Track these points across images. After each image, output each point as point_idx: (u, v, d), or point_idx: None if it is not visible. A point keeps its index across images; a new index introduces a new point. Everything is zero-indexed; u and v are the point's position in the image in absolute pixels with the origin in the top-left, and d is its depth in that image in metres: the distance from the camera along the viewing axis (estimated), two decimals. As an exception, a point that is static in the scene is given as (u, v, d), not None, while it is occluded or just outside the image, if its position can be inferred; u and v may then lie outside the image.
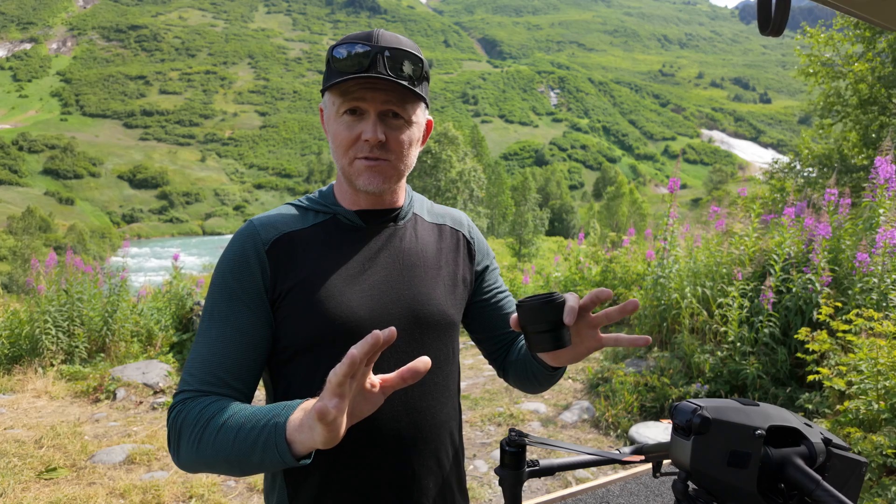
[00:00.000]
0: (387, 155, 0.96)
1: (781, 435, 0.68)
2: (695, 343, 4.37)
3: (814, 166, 10.53)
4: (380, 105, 0.93)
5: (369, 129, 0.93)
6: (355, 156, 0.96)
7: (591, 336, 0.91)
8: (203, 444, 0.81)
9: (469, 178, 36.44)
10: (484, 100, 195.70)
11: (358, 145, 0.95)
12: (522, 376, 1.10)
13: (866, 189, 4.26)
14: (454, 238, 1.13)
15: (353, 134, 0.95)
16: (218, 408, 0.84)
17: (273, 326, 0.95)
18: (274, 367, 0.98)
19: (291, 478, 0.97)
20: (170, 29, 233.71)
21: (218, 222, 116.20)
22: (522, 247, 38.06)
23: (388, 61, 0.91)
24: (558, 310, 0.82)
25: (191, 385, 0.89)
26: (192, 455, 0.83)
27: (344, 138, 0.95)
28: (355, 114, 0.94)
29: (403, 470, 0.98)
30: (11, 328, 5.40)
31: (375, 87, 0.92)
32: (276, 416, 0.76)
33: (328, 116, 0.99)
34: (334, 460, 0.94)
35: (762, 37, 0.59)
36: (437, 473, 1.02)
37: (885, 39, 9.73)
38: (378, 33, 0.94)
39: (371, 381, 0.74)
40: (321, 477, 0.95)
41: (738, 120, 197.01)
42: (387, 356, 0.96)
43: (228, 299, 0.93)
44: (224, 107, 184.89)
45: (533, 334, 0.84)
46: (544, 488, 3.24)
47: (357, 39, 0.93)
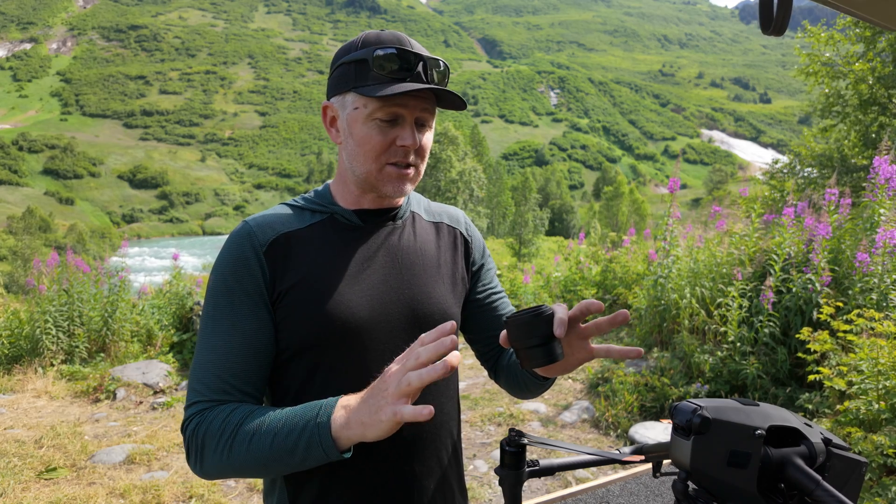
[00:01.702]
0: (416, 160, 0.97)
1: (781, 435, 0.68)
2: (695, 343, 4.37)
3: (813, 166, 10.52)
4: (417, 112, 0.93)
5: (408, 135, 0.92)
6: (387, 161, 0.94)
7: (581, 347, 0.90)
8: (235, 453, 0.82)
9: (469, 177, 36.46)
10: (484, 100, 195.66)
11: (392, 150, 0.94)
12: (513, 383, 1.10)
13: (866, 189, 4.26)
14: (452, 236, 1.12)
15: (388, 139, 0.93)
16: (242, 415, 0.85)
17: (275, 328, 0.94)
18: (274, 367, 0.97)
19: (292, 480, 0.96)
20: (170, 29, 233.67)
21: (218, 222, 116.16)
22: (522, 247, 38.05)
23: (432, 68, 0.92)
24: (548, 323, 0.81)
25: (203, 395, 0.89)
26: (222, 464, 0.83)
27: (377, 143, 0.93)
28: (389, 119, 0.93)
29: (404, 471, 0.98)
30: (11, 328, 5.40)
31: (417, 95, 0.92)
32: (315, 416, 0.79)
33: (352, 118, 0.95)
34: (335, 463, 0.93)
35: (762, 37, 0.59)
36: (437, 474, 1.02)
37: (885, 39, 9.72)
38: (407, 39, 0.94)
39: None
40: (322, 479, 0.95)
41: (738, 120, 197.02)
42: (389, 356, 0.94)
43: (230, 303, 0.92)
44: (224, 107, 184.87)
45: (523, 350, 0.82)
46: (544, 488, 3.24)
47: (392, 44, 0.92)
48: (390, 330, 0.97)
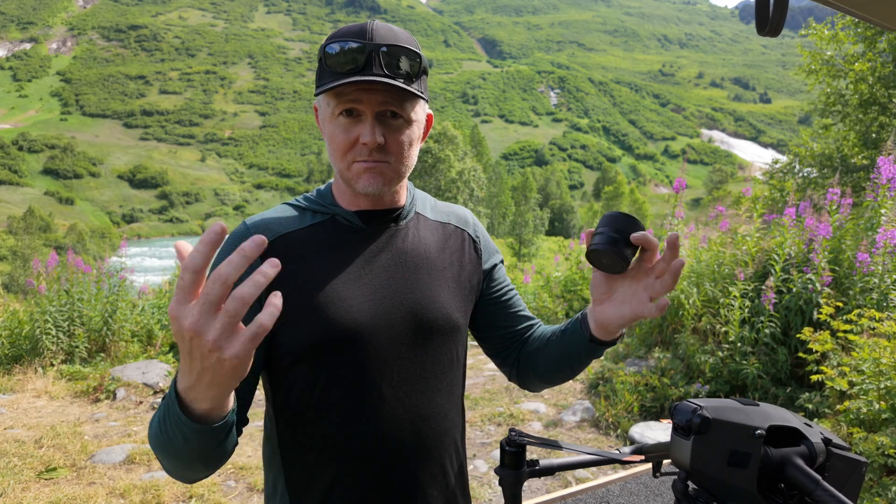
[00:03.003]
0: (386, 157, 0.92)
1: (781, 435, 0.68)
2: (696, 343, 4.37)
3: (813, 166, 10.51)
4: (377, 106, 0.89)
5: (367, 131, 0.89)
6: (353, 159, 0.92)
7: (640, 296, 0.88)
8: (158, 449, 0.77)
9: (469, 177, 36.49)
10: (484, 100, 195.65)
11: (356, 148, 0.91)
12: (555, 358, 1.04)
13: (866, 189, 4.26)
14: (459, 237, 1.09)
15: (351, 137, 0.90)
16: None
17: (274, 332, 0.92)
18: (274, 373, 0.95)
19: (294, 487, 0.95)
20: (170, 29, 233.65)
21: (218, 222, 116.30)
22: (522, 247, 38.09)
23: (385, 58, 0.87)
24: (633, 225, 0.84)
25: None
26: (166, 465, 0.79)
27: (341, 141, 0.91)
28: (352, 115, 0.90)
29: (408, 479, 0.96)
30: (11, 328, 5.40)
31: (372, 88, 0.87)
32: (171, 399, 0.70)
33: (324, 117, 0.95)
34: (338, 470, 0.93)
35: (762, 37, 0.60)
36: (441, 481, 1.00)
37: (885, 39, 9.72)
38: (372, 27, 0.89)
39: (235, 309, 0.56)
40: (325, 487, 0.93)
41: (738, 120, 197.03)
42: (391, 362, 0.94)
43: None
44: (224, 107, 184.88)
45: (601, 237, 0.84)
46: (544, 488, 3.24)
47: (350, 35, 0.88)
48: (392, 335, 0.94)
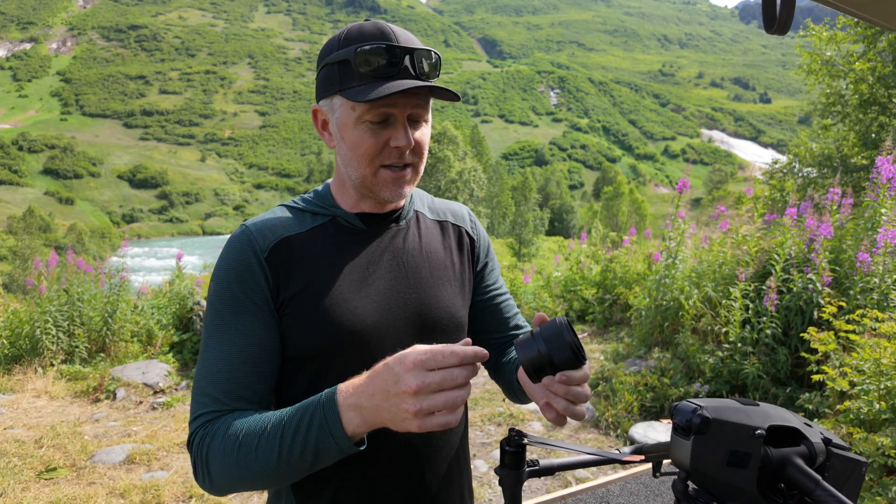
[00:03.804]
0: (414, 159, 0.93)
1: (781, 435, 0.68)
2: (696, 343, 4.36)
3: (813, 166, 10.50)
4: (409, 109, 0.88)
5: (401, 135, 0.88)
6: (382, 163, 0.90)
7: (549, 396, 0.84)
8: (242, 461, 0.78)
9: (469, 177, 36.50)
10: (484, 100, 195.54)
11: (386, 152, 0.89)
12: (506, 386, 1.10)
13: (866, 189, 4.25)
14: (457, 234, 1.09)
15: (381, 141, 0.88)
16: (247, 421, 0.80)
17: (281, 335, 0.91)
18: (281, 375, 0.94)
19: (300, 490, 0.94)
20: (170, 29, 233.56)
21: (218, 222, 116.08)
22: (522, 247, 38.07)
23: (419, 61, 0.87)
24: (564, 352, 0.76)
25: (207, 406, 0.85)
26: (230, 475, 0.79)
27: (370, 146, 0.88)
28: (381, 120, 0.88)
29: (416, 481, 0.96)
30: (11, 328, 5.40)
31: (406, 92, 0.86)
32: (318, 398, 0.77)
33: (342, 122, 0.90)
34: (345, 473, 0.92)
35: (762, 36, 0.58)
36: (447, 481, 1.00)
37: (885, 39, 9.71)
38: (391, 30, 0.88)
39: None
40: (331, 488, 0.93)
41: (738, 120, 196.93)
42: None
43: (234, 310, 0.88)
44: (224, 107, 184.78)
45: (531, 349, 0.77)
46: (544, 488, 3.24)
47: (375, 39, 0.86)
48: (398, 336, 0.94)
